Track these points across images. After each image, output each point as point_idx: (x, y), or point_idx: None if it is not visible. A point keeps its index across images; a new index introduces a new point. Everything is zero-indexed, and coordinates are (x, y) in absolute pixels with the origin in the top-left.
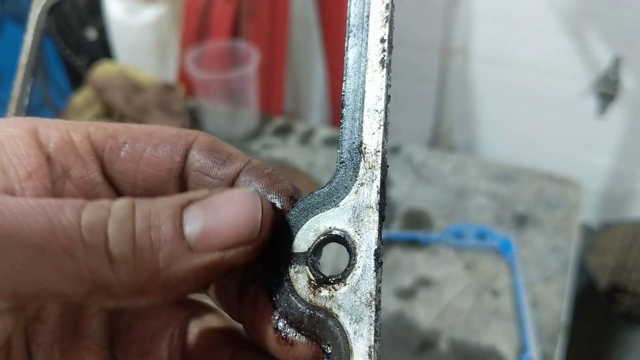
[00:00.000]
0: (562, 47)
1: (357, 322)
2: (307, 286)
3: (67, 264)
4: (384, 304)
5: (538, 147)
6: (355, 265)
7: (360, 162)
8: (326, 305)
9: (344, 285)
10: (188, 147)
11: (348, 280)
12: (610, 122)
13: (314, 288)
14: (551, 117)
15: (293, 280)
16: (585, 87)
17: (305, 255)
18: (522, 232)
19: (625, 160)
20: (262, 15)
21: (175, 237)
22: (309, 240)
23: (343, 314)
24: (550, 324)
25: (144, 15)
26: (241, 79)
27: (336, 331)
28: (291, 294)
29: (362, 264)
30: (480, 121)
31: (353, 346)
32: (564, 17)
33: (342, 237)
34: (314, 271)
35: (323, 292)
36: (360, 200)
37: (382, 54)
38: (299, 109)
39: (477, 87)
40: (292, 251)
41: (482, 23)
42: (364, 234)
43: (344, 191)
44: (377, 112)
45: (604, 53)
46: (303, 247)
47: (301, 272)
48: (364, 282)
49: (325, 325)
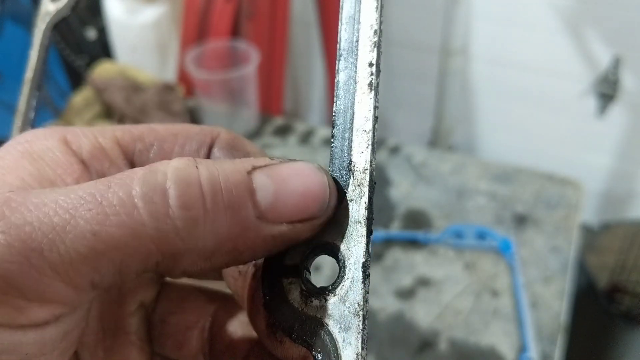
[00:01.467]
0: (562, 47)
1: (346, 331)
2: (299, 296)
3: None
4: (383, 303)
5: (538, 147)
6: (345, 277)
7: (349, 179)
8: (317, 314)
9: (333, 296)
10: (212, 143)
11: (337, 291)
12: (610, 122)
13: (305, 298)
14: (551, 117)
15: (286, 291)
16: (585, 87)
17: (298, 268)
18: (522, 232)
19: (625, 160)
20: (262, 15)
21: (248, 204)
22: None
23: (332, 322)
24: (550, 324)
25: (144, 15)
26: (241, 79)
27: (326, 339)
28: (284, 304)
29: (351, 276)
30: (480, 121)
31: (342, 353)
32: (564, 17)
33: (331, 250)
34: (305, 283)
35: (314, 302)
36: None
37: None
38: (299, 109)
39: (477, 87)
40: (285, 263)
41: (482, 23)
42: (353, 248)
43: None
44: (366, 132)
45: (604, 53)
46: (295, 259)
47: (293, 284)
48: (352, 293)
49: (316, 333)
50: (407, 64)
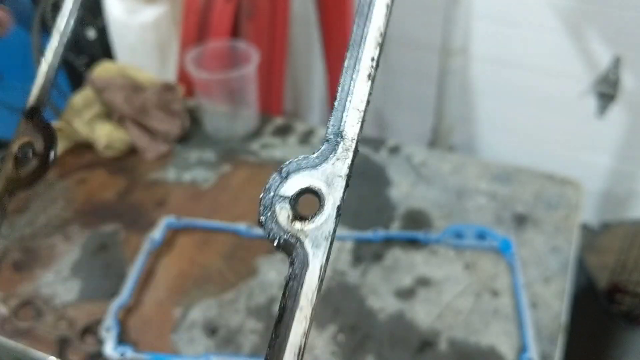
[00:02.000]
0: (562, 47)
1: (317, 248)
2: (286, 219)
3: None
4: (383, 303)
5: (538, 147)
6: (323, 212)
7: (340, 144)
8: (297, 233)
9: (312, 224)
10: None
11: (315, 220)
12: (610, 122)
13: (291, 221)
14: (551, 117)
15: (277, 213)
16: (585, 87)
17: (289, 198)
18: (522, 232)
19: (625, 160)
20: (262, 15)
21: None
22: (294, 188)
23: (307, 241)
24: (550, 324)
25: (144, 15)
26: (241, 79)
27: (300, 251)
28: (275, 222)
29: (327, 213)
30: (480, 121)
31: (310, 261)
32: (564, 17)
33: (316, 192)
34: (293, 210)
35: (297, 225)
36: (335, 170)
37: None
38: (299, 109)
39: (477, 87)
40: (279, 193)
41: (482, 23)
42: (332, 194)
43: (324, 161)
44: (359, 111)
45: (604, 53)
46: (289, 192)
47: (284, 209)
48: (326, 224)
49: (294, 245)
50: (407, 63)
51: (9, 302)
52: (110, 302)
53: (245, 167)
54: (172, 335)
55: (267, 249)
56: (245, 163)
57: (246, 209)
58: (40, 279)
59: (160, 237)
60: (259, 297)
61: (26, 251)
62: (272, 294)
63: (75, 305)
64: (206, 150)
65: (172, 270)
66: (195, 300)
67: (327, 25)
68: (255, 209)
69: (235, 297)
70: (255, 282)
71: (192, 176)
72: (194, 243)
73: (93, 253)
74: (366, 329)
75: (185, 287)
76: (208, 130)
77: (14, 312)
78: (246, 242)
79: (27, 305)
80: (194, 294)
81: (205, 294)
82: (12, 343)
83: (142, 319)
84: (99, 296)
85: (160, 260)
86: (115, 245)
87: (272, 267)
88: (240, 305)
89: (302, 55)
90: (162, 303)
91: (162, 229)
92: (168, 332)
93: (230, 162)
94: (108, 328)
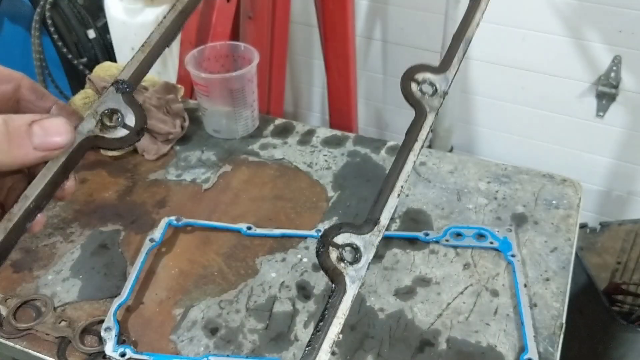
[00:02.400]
0: (562, 48)
1: (352, 282)
2: (335, 258)
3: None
4: (383, 303)
5: (538, 147)
6: (360, 263)
7: (376, 225)
8: (342, 270)
9: (351, 267)
10: (19, 83)
11: (354, 266)
12: (610, 122)
13: (338, 261)
14: (551, 117)
15: (330, 252)
16: (585, 87)
17: (338, 246)
18: (522, 232)
19: (625, 160)
20: (262, 16)
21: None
22: (343, 241)
23: (348, 277)
24: (550, 324)
25: (144, 15)
26: (241, 79)
27: (342, 281)
28: (327, 258)
29: (362, 264)
30: (480, 121)
31: (347, 290)
32: (564, 17)
33: (358, 248)
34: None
35: (342, 264)
36: (370, 239)
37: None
38: (299, 109)
39: (476, 87)
40: (332, 240)
41: (482, 23)
42: (367, 253)
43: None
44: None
45: (604, 53)
46: (339, 241)
47: (333, 252)
48: (361, 270)
49: (339, 277)
50: (407, 63)
51: (9, 302)
52: (110, 302)
53: (245, 167)
54: (172, 335)
55: (267, 249)
56: (245, 163)
57: (246, 209)
58: (40, 279)
59: (160, 237)
60: (259, 297)
61: (26, 251)
62: (272, 294)
63: (75, 305)
64: (206, 150)
65: (172, 270)
66: (195, 300)
67: (327, 25)
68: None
69: (235, 297)
70: (255, 282)
71: (192, 176)
72: (194, 243)
73: (93, 253)
74: (366, 329)
75: (185, 287)
76: (208, 130)
77: (14, 312)
78: (246, 242)
79: (27, 306)
80: (194, 294)
81: (205, 294)
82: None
83: (142, 319)
84: (99, 296)
85: (160, 260)
86: (115, 245)
87: (272, 267)
88: (240, 305)
89: (302, 55)
90: (162, 303)
91: (162, 229)
92: (168, 332)
93: (230, 162)
94: (108, 328)
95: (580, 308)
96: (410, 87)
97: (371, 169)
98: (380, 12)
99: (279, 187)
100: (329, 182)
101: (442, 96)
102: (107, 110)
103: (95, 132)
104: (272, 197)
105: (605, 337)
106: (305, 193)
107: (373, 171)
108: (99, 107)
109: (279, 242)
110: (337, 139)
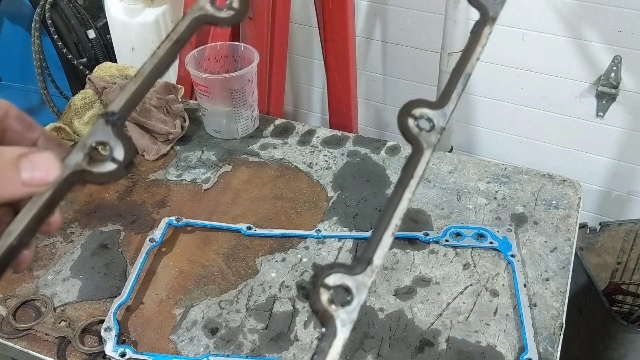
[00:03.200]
0: (562, 48)
1: (343, 326)
2: (326, 300)
3: None
4: (383, 303)
5: (538, 147)
6: (351, 305)
7: (369, 266)
8: (332, 312)
9: (342, 309)
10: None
11: (346, 308)
12: (610, 122)
13: (329, 303)
14: (551, 117)
15: (320, 294)
16: (585, 87)
17: (329, 287)
18: (521, 232)
19: (625, 160)
20: (262, 16)
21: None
22: (335, 281)
23: (338, 320)
24: (550, 324)
25: (144, 15)
26: (241, 80)
27: (332, 324)
28: (318, 299)
29: (354, 307)
30: (479, 121)
31: (337, 334)
32: (564, 17)
33: (350, 289)
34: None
35: (332, 306)
36: (363, 280)
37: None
38: (299, 109)
39: (476, 87)
40: (325, 282)
41: None
42: (359, 295)
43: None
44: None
45: (604, 53)
46: (331, 282)
47: (324, 294)
48: (352, 313)
49: (329, 319)
50: (408, 63)
51: (9, 302)
52: (110, 302)
53: (245, 167)
54: (172, 335)
55: (267, 249)
56: (245, 163)
57: (246, 209)
58: (40, 279)
59: (160, 237)
60: (259, 297)
61: None
62: (272, 294)
63: (75, 305)
64: (206, 151)
65: (172, 270)
66: (195, 300)
67: (327, 25)
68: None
69: (235, 297)
70: (255, 282)
71: (192, 176)
72: (194, 243)
73: (93, 253)
74: (366, 329)
75: (185, 287)
76: (208, 131)
77: (13, 312)
78: (246, 242)
79: (27, 306)
80: (194, 294)
81: (205, 294)
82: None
83: (142, 319)
84: (99, 296)
85: (160, 260)
86: (115, 245)
87: (272, 267)
88: (240, 305)
89: (302, 55)
90: (162, 303)
91: (162, 229)
92: (168, 332)
93: (230, 162)
94: (108, 328)
95: (580, 308)
96: (407, 123)
97: (371, 169)
98: (380, 12)
99: (279, 187)
100: (329, 182)
101: (439, 132)
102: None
103: (83, 166)
104: (272, 197)
105: (605, 337)
106: (305, 193)
107: (373, 171)
108: (87, 140)
109: (279, 242)
110: (337, 139)
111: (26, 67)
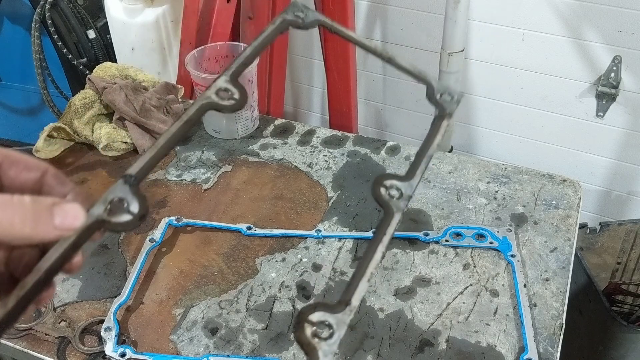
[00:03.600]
0: (562, 48)
1: (325, 356)
2: (310, 333)
3: None
4: (383, 303)
5: (538, 147)
6: (332, 339)
7: (347, 306)
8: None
9: (325, 342)
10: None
11: (328, 342)
12: (610, 122)
13: (312, 336)
14: (551, 117)
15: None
16: (585, 87)
17: (313, 323)
18: (521, 232)
19: (625, 160)
20: (262, 16)
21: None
22: (317, 318)
23: (321, 352)
24: (550, 324)
25: (144, 15)
26: (241, 80)
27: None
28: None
29: (334, 340)
30: (479, 121)
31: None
32: (564, 17)
33: (331, 325)
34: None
35: (316, 339)
36: (342, 318)
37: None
38: (299, 109)
39: (476, 87)
40: (308, 318)
41: (482, 23)
42: (339, 331)
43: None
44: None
45: (604, 53)
46: (314, 319)
47: (308, 328)
48: (333, 346)
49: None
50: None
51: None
52: (110, 302)
53: (245, 167)
54: (172, 335)
55: (267, 249)
56: (245, 163)
57: (246, 209)
58: None
59: (160, 237)
60: (259, 297)
61: None
62: (272, 294)
63: (75, 305)
64: (206, 151)
65: (172, 270)
66: (195, 300)
67: None
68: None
69: (235, 297)
70: (255, 282)
71: (192, 176)
72: (194, 243)
73: (93, 253)
74: (366, 329)
75: (185, 287)
76: (208, 131)
77: None
78: (246, 242)
79: None
80: (194, 294)
81: (205, 294)
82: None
83: (142, 319)
84: (99, 296)
85: (160, 260)
86: (115, 245)
87: (272, 267)
88: (240, 305)
89: (302, 55)
90: (162, 303)
91: (162, 229)
92: (168, 332)
93: (230, 162)
94: (108, 328)
95: (580, 308)
96: (380, 191)
97: (371, 169)
98: (380, 12)
99: (279, 187)
100: (329, 182)
101: (407, 199)
102: (115, 198)
103: (104, 217)
104: (272, 197)
105: (605, 337)
106: (305, 193)
107: (373, 171)
108: (108, 196)
109: (279, 242)
110: (337, 139)
111: (26, 67)
